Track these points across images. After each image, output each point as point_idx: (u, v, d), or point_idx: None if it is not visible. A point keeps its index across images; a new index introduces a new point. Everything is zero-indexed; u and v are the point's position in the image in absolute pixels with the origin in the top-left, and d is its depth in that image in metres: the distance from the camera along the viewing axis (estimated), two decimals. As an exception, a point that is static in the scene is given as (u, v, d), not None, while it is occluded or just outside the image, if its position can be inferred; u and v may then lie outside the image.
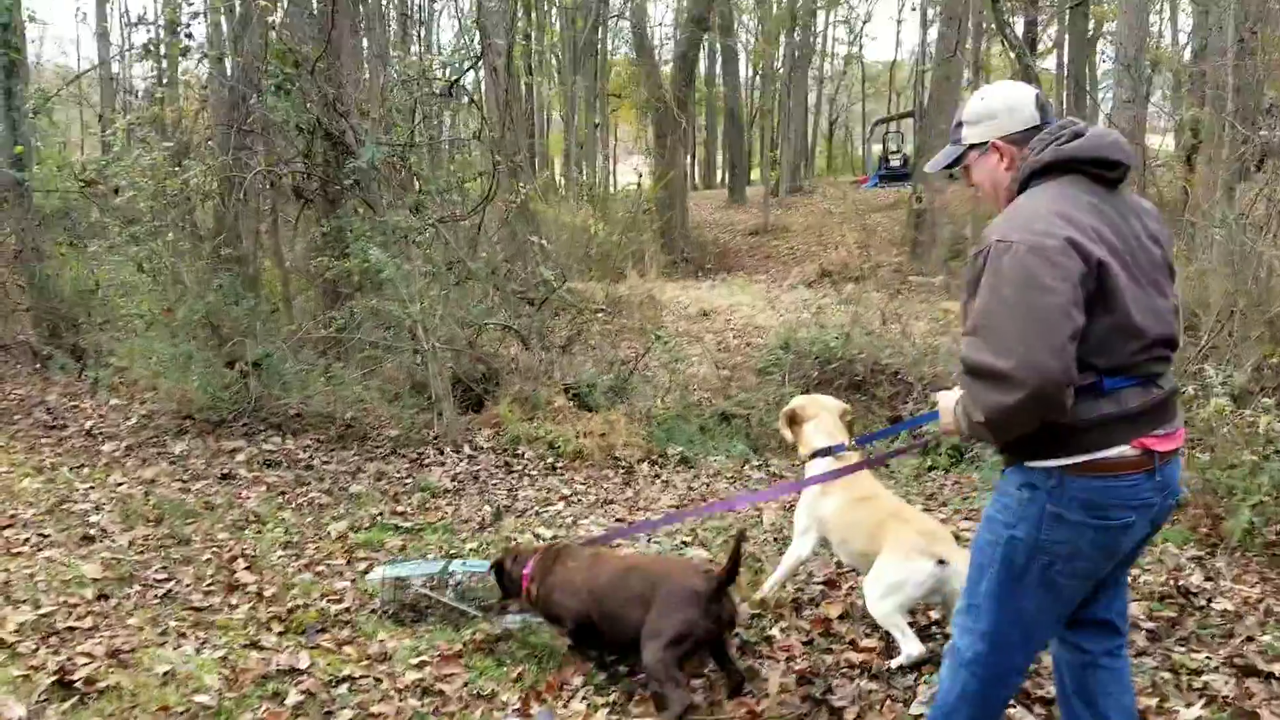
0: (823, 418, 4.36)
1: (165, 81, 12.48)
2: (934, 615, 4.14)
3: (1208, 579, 4.65)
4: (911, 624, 3.76)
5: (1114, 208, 2.49)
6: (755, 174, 38.66)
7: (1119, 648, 2.76)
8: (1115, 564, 2.59)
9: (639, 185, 20.12)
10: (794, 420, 4.44)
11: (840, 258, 17.80)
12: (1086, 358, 2.38)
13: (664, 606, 3.41)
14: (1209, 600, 4.36)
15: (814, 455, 4.26)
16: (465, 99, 11.28)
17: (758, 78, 38.48)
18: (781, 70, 32.94)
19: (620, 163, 42.13)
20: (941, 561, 3.68)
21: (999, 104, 2.65)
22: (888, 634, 3.79)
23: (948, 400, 2.64)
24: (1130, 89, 15.19)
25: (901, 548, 3.76)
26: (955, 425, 2.59)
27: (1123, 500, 2.45)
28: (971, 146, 2.73)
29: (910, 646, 3.65)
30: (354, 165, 8.20)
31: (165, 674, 3.62)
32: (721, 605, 3.45)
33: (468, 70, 11.10)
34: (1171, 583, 4.52)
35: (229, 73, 10.32)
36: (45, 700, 3.42)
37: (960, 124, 2.74)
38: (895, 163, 28.85)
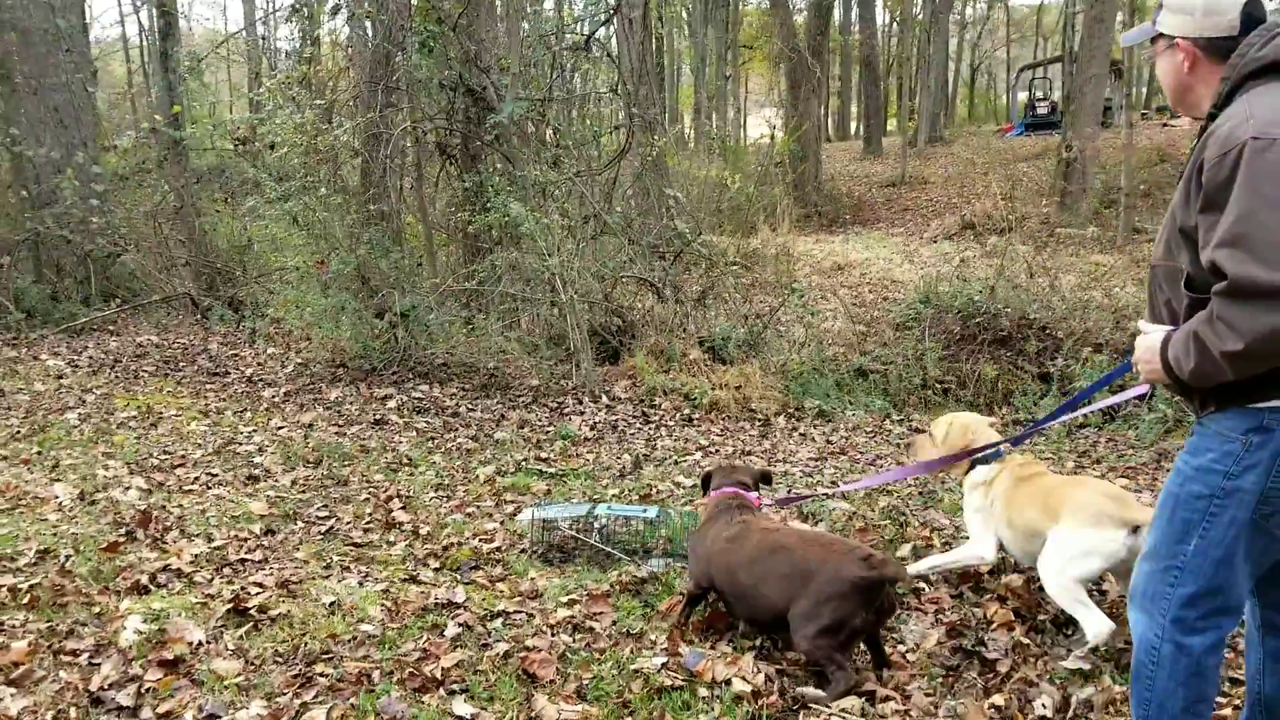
0: (979, 436, 3.93)
1: (312, 41, 12.82)
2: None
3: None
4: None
5: None
6: (892, 124, 37.70)
7: None
8: None
9: (771, 138, 19.85)
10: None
11: (983, 209, 17.25)
12: None
13: (820, 593, 3.19)
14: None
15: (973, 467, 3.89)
16: (601, 53, 11.30)
17: (895, 24, 37.44)
18: (921, 16, 31.92)
19: (751, 115, 41.66)
20: (1136, 529, 3.25)
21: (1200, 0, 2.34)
22: (1041, 589, 3.60)
23: (1149, 340, 2.32)
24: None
25: (1086, 513, 3.37)
26: (1162, 370, 2.28)
27: None
28: (1160, 35, 2.44)
29: (1097, 624, 3.26)
30: (494, 120, 8.33)
31: (331, 604, 3.80)
32: (882, 597, 3.22)
33: (603, 23, 11.10)
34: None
35: (372, 31, 10.57)
36: (222, 625, 3.62)
37: (1161, 4, 2.43)
38: (1042, 110, 27.72)
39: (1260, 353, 2.05)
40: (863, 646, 3.36)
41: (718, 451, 6.62)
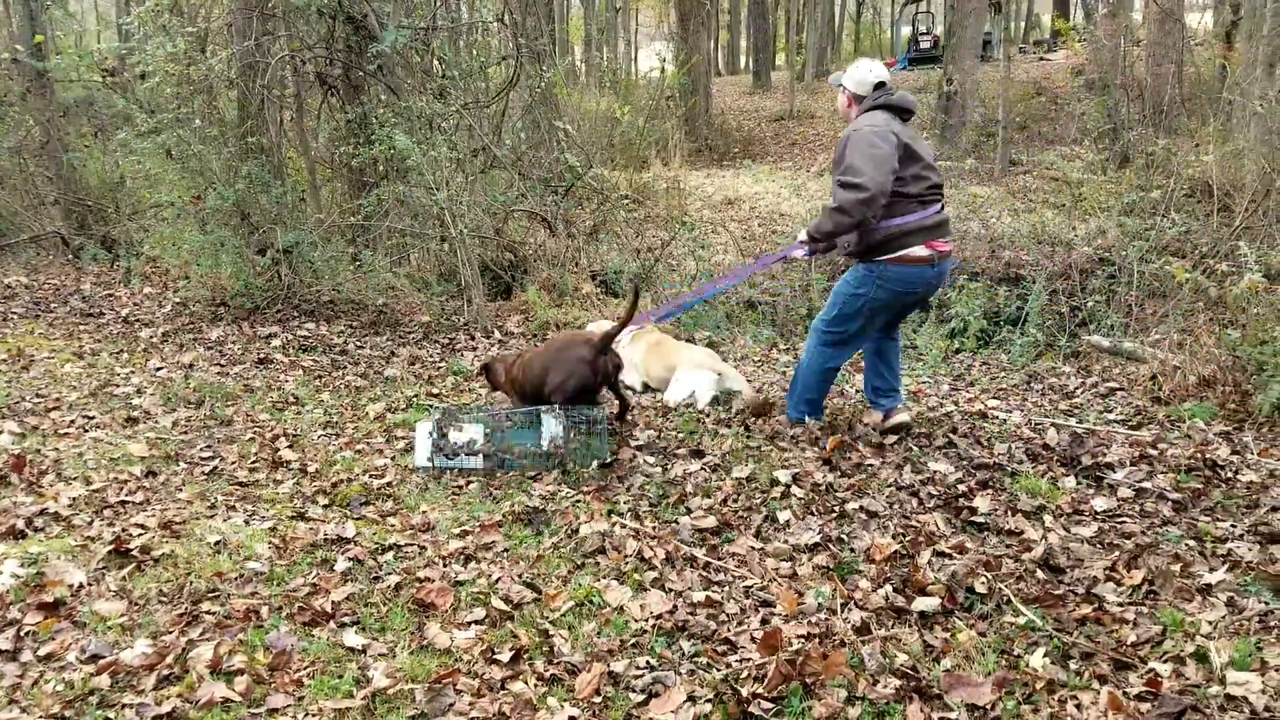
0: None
1: (182, -34, 12.21)
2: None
3: (1234, 452, 4.70)
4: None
5: (908, 127, 4.85)
6: (780, 59, 37.82)
7: (895, 337, 5.25)
8: (903, 311, 5.14)
9: (662, 71, 19.73)
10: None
11: (868, 143, 17.48)
12: (912, 183, 4.71)
13: (560, 368, 4.93)
14: (1235, 472, 4.42)
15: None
16: (486, -19, 11.04)
17: (783, -42, 37.35)
18: (808, -51, 31.91)
19: (642, 49, 41.29)
20: (720, 375, 5.81)
21: (858, 76, 5.01)
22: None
23: (800, 233, 5.02)
24: (1170, -36, 14.69)
25: (691, 364, 5.89)
26: (808, 237, 4.91)
27: (917, 278, 4.80)
28: (840, 86, 5.11)
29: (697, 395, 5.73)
30: (377, 50, 8.10)
31: (217, 543, 3.75)
32: (607, 359, 4.98)
33: (488, -50, 10.83)
34: (1198, 456, 4.58)
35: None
36: (103, 568, 3.56)
37: (842, 77, 5.11)
38: (925, 45, 28.07)
39: (846, 209, 4.59)
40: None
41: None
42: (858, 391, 6.05)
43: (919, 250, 4.71)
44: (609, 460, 4.73)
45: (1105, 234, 8.43)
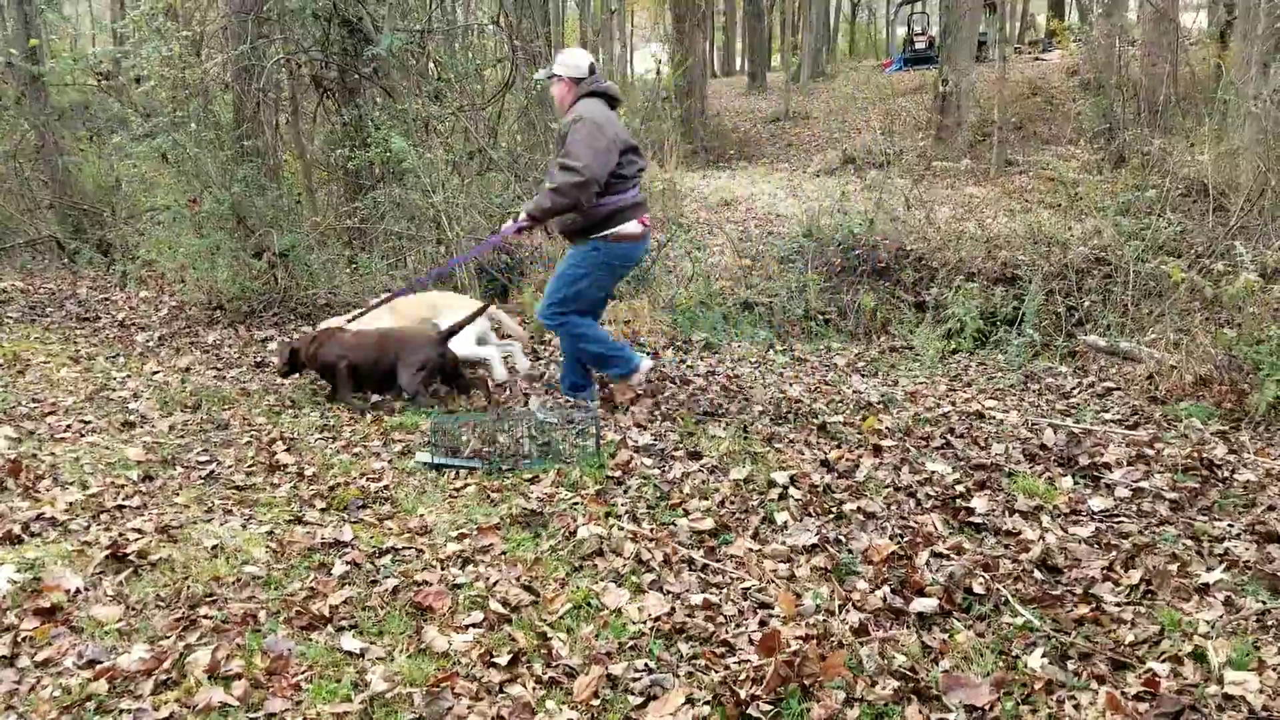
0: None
1: (177, -30, 12.22)
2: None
3: (1231, 452, 4.71)
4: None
5: (616, 116, 5.44)
6: (776, 60, 37.84)
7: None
8: (616, 281, 5.98)
9: (657, 73, 19.73)
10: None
11: (864, 144, 17.53)
12: (619, 171, 5.28)
13: (411, 352, 5.70)
14: (1232, 472, 4.42)
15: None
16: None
17: (778, -41, 37.39)
18: (803, -49, 31.93)
19: (637, 50, 41.31)
20: (436, 323, 6.16)
21: (572, 61, 5.42)
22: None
23: (521, 210, 5.46)
24: (1165, -37, 14.71)
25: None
26: (527, 216, 5.37)
27: (633, 250, 5.50)
28: (554, 75, 5.47)
29: (490, 359, 6.39)
30: (372, 52, 8.10)
31: (214, 547, 3.75)
32: (446, 350, 5.78)
33: (483, -48, 10.84)
34: (1195, 455, 4.58)
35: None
36: (100, 573, 3.55)
37: (552, 63, 5.51)
38: (920, 45, 28.11)
39: (562, 191, 5.14)
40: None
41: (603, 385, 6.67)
42: (855, 393, 6.05)
43: (632, 226, 5.38)
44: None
45: (1101, 234, 8.43)
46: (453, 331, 5.81)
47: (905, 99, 22.40)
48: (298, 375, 6.25)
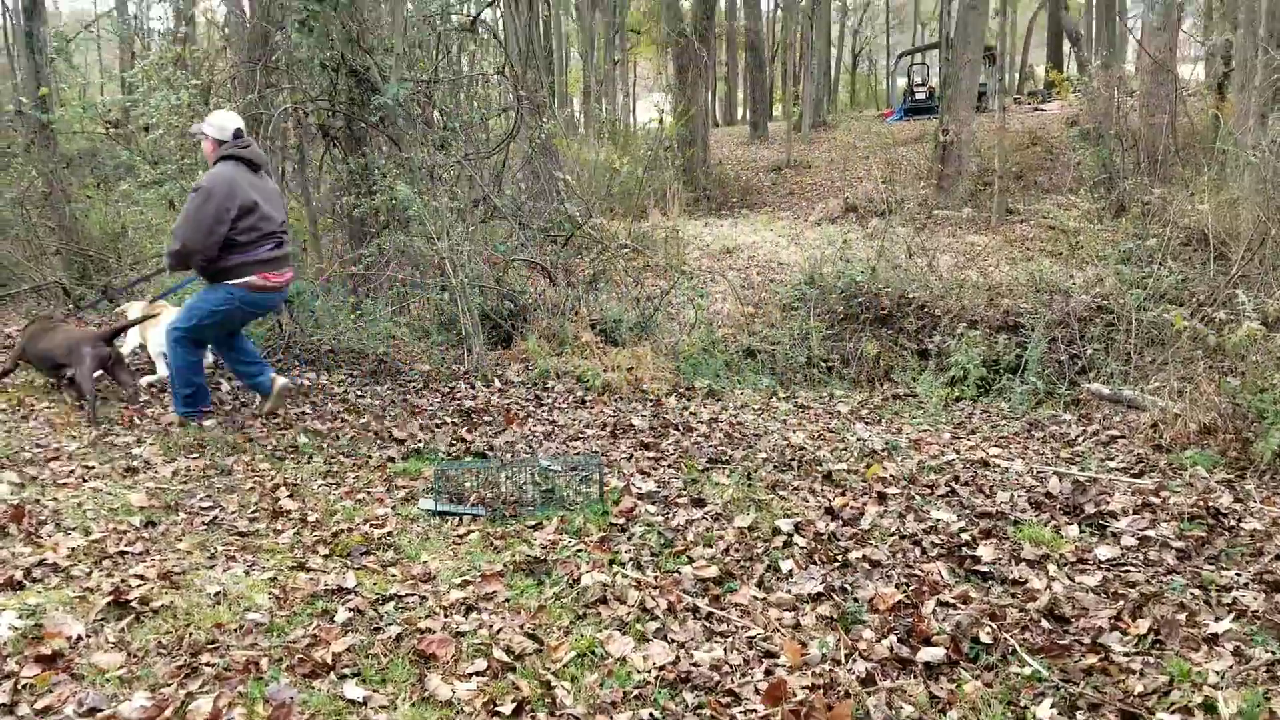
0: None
1: (186, 20, 12.41)
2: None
3: (1237, 500, 4.69)
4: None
5: (259, 178, 5.91)
6: (777, 109, 38.23)
7: (242, 338, 6.40)
8: (245, 322, 6.37)
9: (660, 122, 19.95)
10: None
11: (865, 192, 17.67)
12: (246, 233, 5.74)
13: (80, 351, 6.24)
14: (1238, 520, 4.41)
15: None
16: (488, 34, 11.22)
17: (779, 10, 37.89)
18: (804, 2, 32.40)
19: (640, 100, 41.74)
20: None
21: (218, 123, 5.89)
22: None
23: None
24: (1161, 16, 14.91)
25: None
26: (170, 256, 5.92)
27: (262, 299, 6.02)
28: (202, 133, 6.00)
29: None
30: (379, 102, 8.20)
31: (217, 594, 3.73)
32: (110, 349, 6.39)
33: (490, 4, 11.02)
34: (1201, 504, 4.57)
35: (250, 10, 10.28)
36: (102, 619, 3.53)
37: (204, 125, 6.01)
38: (921, 95, 28.44)
39: (175, 256, 5.80)
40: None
41: (606, 427, 6.67)
42: (859, 440, 6.04)
43: (255, 279, 5.88)
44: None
45: (1103, 282, 8.48)
46: (116, 332, 6.66)
47: (906, 148, 22.60)
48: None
